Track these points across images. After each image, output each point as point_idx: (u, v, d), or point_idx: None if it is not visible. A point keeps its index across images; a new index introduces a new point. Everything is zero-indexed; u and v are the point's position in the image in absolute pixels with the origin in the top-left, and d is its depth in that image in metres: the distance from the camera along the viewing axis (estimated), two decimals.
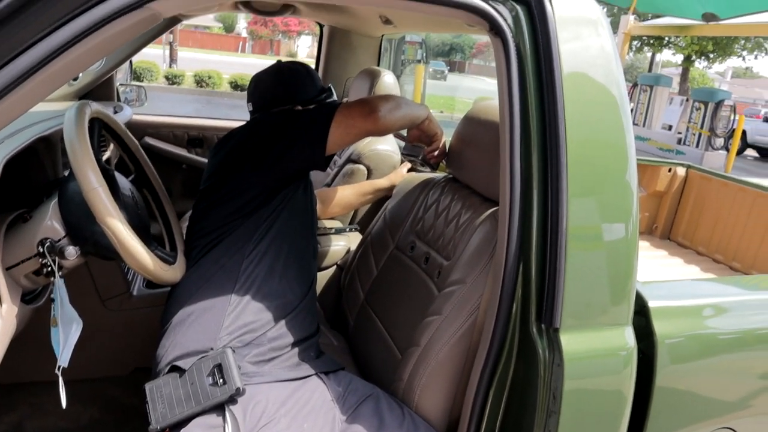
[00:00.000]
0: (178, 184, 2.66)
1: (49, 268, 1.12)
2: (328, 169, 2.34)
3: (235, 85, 14.72)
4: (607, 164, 1.08)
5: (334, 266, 1.92)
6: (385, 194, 2.07)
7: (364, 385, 1.26)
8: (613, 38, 1.16)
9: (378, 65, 2.65)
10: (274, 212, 1.31)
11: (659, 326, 1.13)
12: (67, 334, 1.16)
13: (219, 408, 1.05)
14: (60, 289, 1.14)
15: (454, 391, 1.19)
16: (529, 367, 1.06)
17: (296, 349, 1.24)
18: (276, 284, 1.27)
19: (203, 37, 34.42)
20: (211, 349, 1.15)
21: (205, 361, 1.11)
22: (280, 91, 1.48)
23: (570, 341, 1.01)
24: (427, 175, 1.65)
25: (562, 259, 1.01)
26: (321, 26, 2.61)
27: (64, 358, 1.14)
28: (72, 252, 1.09)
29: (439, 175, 1.63)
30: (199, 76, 14.65)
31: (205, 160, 2.61)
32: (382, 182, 2.06)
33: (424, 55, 13.52)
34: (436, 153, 1.56)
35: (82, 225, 1.13)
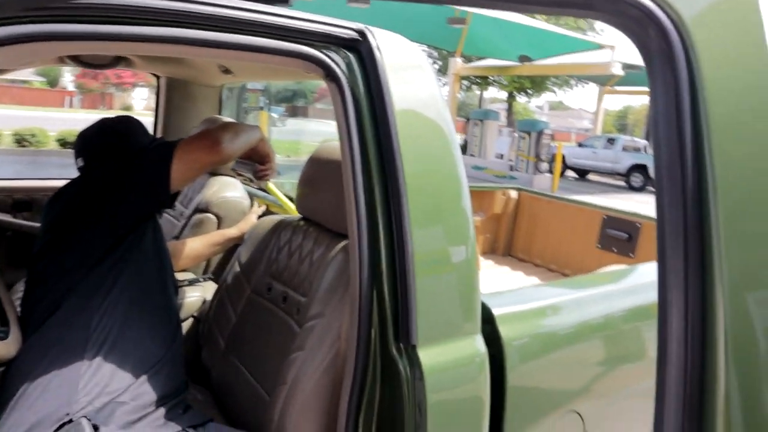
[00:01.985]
0: (2, 253, 2.41)
1: None
2: (175, 221, 2.28)
3: (65, 143, 13.60)
4: (443, 192, 1.19)
5: (191, 318, 1.85)
6: (235, 243, 2.05)
7: None
8: (436, 78, 1.29)
9: (219, 114, 2.64)
10: (121, 259, 1.26)
11: (505, 331, 1.24)
12: None
13: None
14: None
15: (326, 422, 1.21)
16: (393, 387, 1.11)
17: (163, 408, 1.19)
18: (134, 335, 1.22)
19: (22, 93, 31.44)
20: (67, 414, 1.06)
21: None
22: (113, 142, 1.45)
23: (428, 356, 1.08)
24: (277, 217, 1.68)
25: (412, 281, 1.09)
26: (158, 78, 2.55)
27: None
28: None
29: (290, 216, 1.66)
30: (20, 134, 13.35)
31: (34, 224, 2.41)
32: (231, 231, 2.04)
33: (267, 101, 13.61)
34: (268, 171, 1.63)
35: None
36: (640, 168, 15.64)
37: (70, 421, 1.05)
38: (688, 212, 0.52)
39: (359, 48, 1.16)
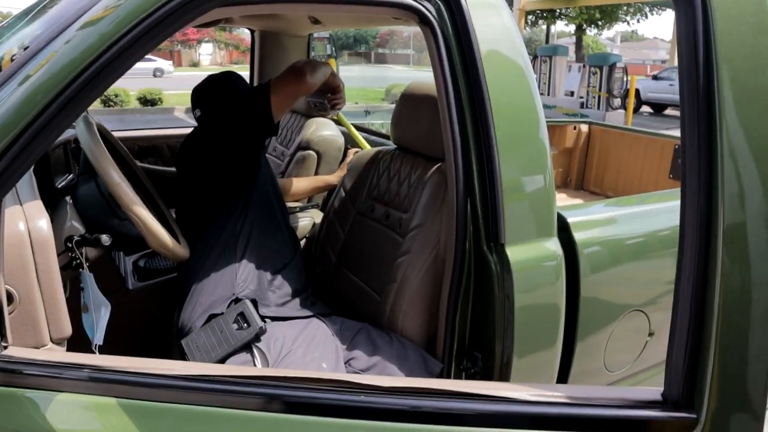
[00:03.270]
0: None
1: (78, 261, 1.31)
2: (278, 160, 2.58)
3: (145, 101, 14.38)
4: (523, 121, 1.39)
5: (304, 239, 2.16)
6: (334, 187, 2.33)
7: (355, 323, 1.53)
8: (513, 16, 1.47)
9: None
10: (248, 184, 1.59)
11: (578, 236, 1.45)
12: (98, 317, 1.35)
13: (246, 347, 1.29)
14: (89, 278, 1.33)
15: (429, 313, 1.47)
16: (485, 280, 1.35)
17: (298, 298, 1.51)
18: (269, 240, 1.56)
19: None
20: (233, 294, 1.41)
21: (229, 312, 1.34)
22: (222, 93, 1.77)
23: (513, 252, 1.31)
24: (375, 149, 1.92)
25: (499, 190, 1.31)
26: (252, 32, 2.81)
27: (98, 337, 1.33)
28: (106, 239, 1.28)
29: (385, 147, 1.90)
30: (105, 95, 14.22)
31: (157, 167, 2.78)
32: (332, 178, 2.35)
33: (334, 49, 13.79)
34: (339, 101, 1.86)
35: (100, 220, 1.33)
36: None
37: (237, 300, 1.38)
38: (700, 106, 0.74)
39: None
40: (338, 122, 2.74)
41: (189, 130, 2.87)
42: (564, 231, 1.46)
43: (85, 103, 0.80)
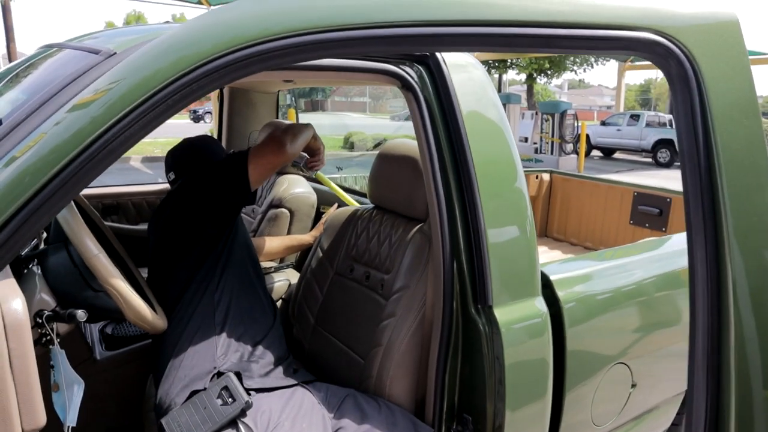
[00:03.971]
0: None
1: (48, 337, 1.23)
2: (249, 218, 2.54)
3: None
4: (504, 177, 1.41)
5: (280, 300, 2.11)
6: (308, 247, 2.30)
7: (340, 389, 1.48)
8: (486, 73, 1.50)
9: (277, 117, 2.89)
10: (223, 251, 1.54)
11: (560, 293, 1.46)
12: (70, 396, 1.27)
13: (232, 423, 1.23)
14: (61, 355, 1.26)
15: (417, 377, 1.45)
16: (474, 343, 1.34)
17: (281, 366, 1.45)
18: (247, 308, 1.50)
19: None
20: (215, 368, 1.35)
21: (211, 387, 1.28)
22: (198, 157, 1.75)
23: (501, 313, 1.31)
24: (352, 208, 1.91)
25: (485, 253, 1.32)
26: (221, 88, 2.80)
27: (71, 418, 1.25)
28: (82, 315, 1.22)
29: (362, 207, 1.90)
30: None
31: (123, 226, 2.69)
32: (306, 238, 2.30)
33: (293, 98, 13.94)
34: (317, 163, 1.84)
35: (73, 293, 1.26)
36: (666, 143, 15.54)
37: (219, 373, 1.32)
38: (702, 181, 0.77)
39: (428, 62, 1.38)
40: (318, 181, 2.73)
41: (153, 187, 2.85)
42: (547, 288, 1.47)
43: (81, 185, 0.77)
